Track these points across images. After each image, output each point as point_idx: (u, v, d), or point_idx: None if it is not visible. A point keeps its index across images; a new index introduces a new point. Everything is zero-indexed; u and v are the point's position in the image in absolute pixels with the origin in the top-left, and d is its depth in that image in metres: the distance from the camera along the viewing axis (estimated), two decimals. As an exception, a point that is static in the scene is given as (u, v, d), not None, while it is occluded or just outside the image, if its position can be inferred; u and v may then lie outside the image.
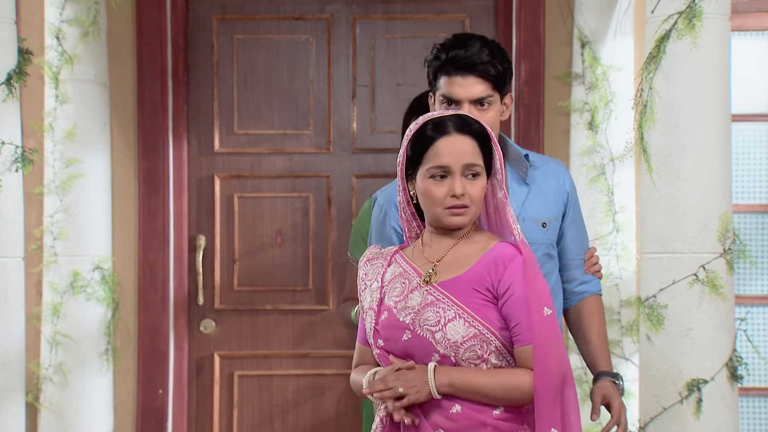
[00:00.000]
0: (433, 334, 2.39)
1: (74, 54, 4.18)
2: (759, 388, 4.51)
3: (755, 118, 4.54)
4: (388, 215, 2.81)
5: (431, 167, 2.42)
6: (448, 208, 2.42)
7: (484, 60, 2.76)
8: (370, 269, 2.53)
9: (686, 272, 3.10)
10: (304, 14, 4.58)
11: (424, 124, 2.46)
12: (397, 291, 2.46)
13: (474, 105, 2.77)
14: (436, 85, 2.82)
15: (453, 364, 2.39)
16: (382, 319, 2.45)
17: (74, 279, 4.20)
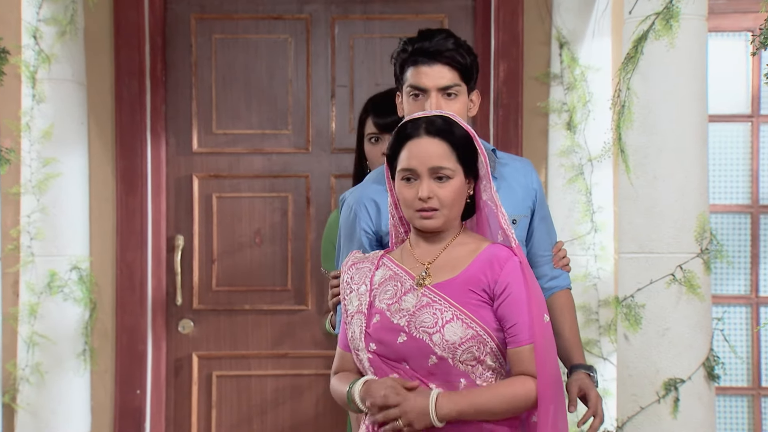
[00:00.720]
0: (431, 335, 2.39)
1: (51, 53, 4.16)
2: (736, 387, 4.54)
3: (732, 119, 4.56)
4: (357, 216, 2.79)
5: (401, 170, 2.44)
6: (417, 211, 2.43)
7: (449, 47, 2.79)
8: (355, 273, 2.51)
9: (663, 272, 3.11)
10: (283, 14, 4.58)
11: (403, 124, 2.47)
12: (389, 294, 2.45)
13: (441, 94, 2.78)
14: (403, 78, 2.83)
15: (450, 366, 2.39)
16: (373, 323, 2.43)
17: (51, 279, 4.18)
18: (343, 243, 2.84)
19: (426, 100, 2.77)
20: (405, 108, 2.83)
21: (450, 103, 2.78)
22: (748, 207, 4.56)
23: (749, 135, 4.56)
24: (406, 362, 2.40)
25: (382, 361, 2.42)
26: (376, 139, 3.28)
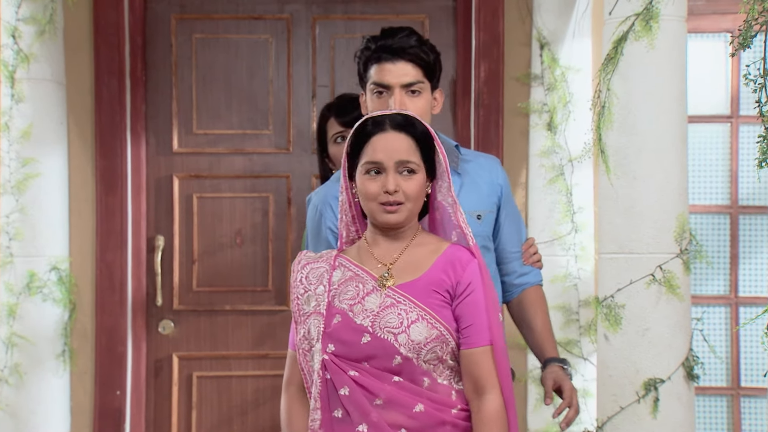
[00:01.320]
0: (396, 336, 2.40)
1: (30, 53, 4.14)
2: (715, 387, 4.55)
3: (711, 120, 4.58)
4: (323, 216, 2.80)
5: (366, 163, 2.44)
6: (381, 204, 2.43)
7: (412, 44, 2.81)
8: (310, 273, 2.50)
9: (643, 272, 3.11)
10: (264, 14, 4.57)
11: (364, 121, 2.47)
12: (350, 294, 2.44)
13: (405, 91, 2.79)
14: (367, 76, 2.84)
15: (415, 366, 2.40)
16: (334, 323, 2.43)
17: (30, 280, 4.16)
18: (311, 242, 2.85)
19: (390, 97, 2.78)
20: (369, 106, 2.84)
21: (414, 100, 2.80)
22: (727, 207, 4.58)
23: (728, 136, 4.58)
24: (368, 362, 2.41)
25: (341, 361, 2.41)
26: (342, 138, 3.27)
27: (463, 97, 4.53)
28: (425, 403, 2.41)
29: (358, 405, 2.39)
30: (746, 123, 4.55)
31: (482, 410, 2.45)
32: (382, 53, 2.80)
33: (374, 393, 2.39)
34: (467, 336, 2.45)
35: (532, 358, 4.36)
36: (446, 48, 4.57)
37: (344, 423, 2.41)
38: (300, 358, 2.46)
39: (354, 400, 2.39)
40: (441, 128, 4.53)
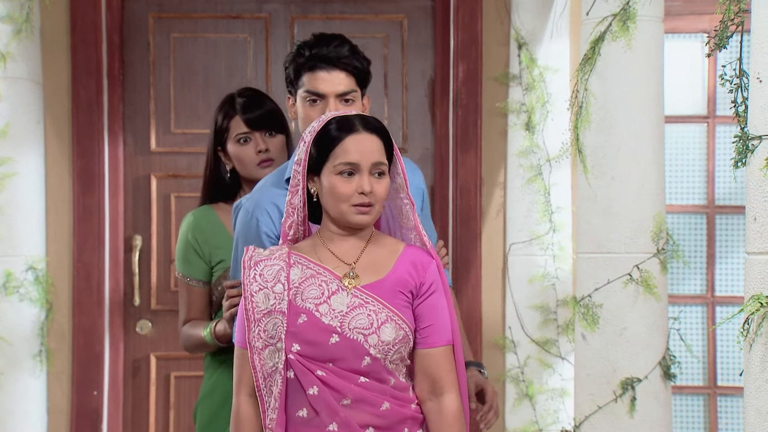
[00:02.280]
0: (366, 337, 2.39)
1: (7, 51, 4.12)
2: (692, 386, 4.57)
3: (688, 120, 4.60)
4: (259, 221, 2.76)
5: (340, 164, 2.41)
6: (354, 206, 2.42)
7: (346, 54, 2.80)
8: (263, 270, 2.45)
9: (621, 272, 3.13)
10: (242, 13, 4.56)
11: (328, 122, 2.46)
12: (314, 293, 2.42)
13: (339, 100, 2.79)
14: (299, 83, 2.82)
15: (382, 366, 2.41)
16: (299, 322, 2.40)
17: (7, 279, 4.14)
18: (242, 248, 2.78)
19: (324, 106, 2.78)
20: (300, 113, 2.83)
21: (347, 108, 2.79)
22: (704, 207, 4.60)
23: (705, 136, 4.60)
24: (333, 363, 2.39)
25: (307, 360, 2.39)
26: (246, 139, 3.16)
27: (441, 97, 4.54)
28: (390, 401, 2.42)
29: (327, 404, 2.38)
30: (723, 123, 4.58)
31: (442, 411, 2.46)
32: (316, 62, 2.78)
33: (342, 393, 2.39)
34: (426, 336, 2.46)
35: (511, 357, 4.38)
36: (425, 48, 4.58)
37: (310, 423, 2.39)
38: (253, 357, 2.42)
39: (323, 399, 2.38)
40: (419, 129, 4.54)
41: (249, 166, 3.16)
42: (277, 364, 2.40)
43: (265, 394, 2.42)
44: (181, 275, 3.21)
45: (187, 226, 3.21)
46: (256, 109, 3.16)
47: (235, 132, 3.16)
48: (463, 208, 4.47)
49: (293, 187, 2.49)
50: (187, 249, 3.18)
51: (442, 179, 4.52)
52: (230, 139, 3.17)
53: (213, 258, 3.14)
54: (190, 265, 3.17)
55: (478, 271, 4.45)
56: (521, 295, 4.37)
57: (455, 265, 4.46)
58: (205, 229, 3.16)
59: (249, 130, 3.14)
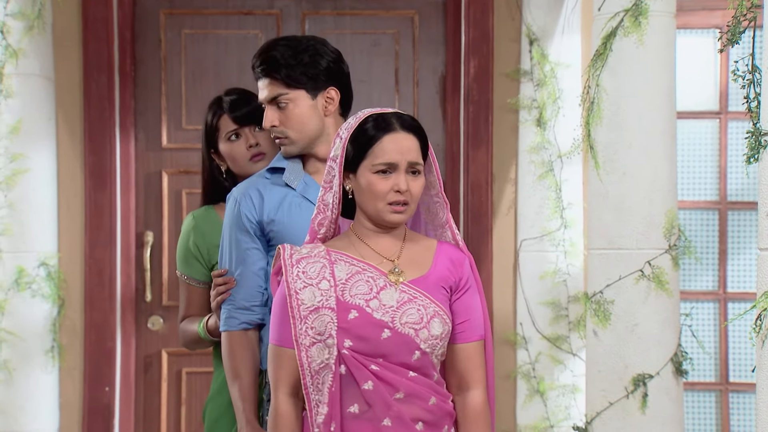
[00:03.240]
0: (417, 331, 2.41)
1: (19, 48, 4.13)
2: (703, 382, 4.57)
3: (701, 116, 4.59)
4: (241, 205, 2.84)
5: (378, 163, 2.42)
6: (390, 204, 2.43)
7: (268, 61, 2.85)
8: (306, 268, 2.45)
9: (632, 268, 3.12)
10: (253, 9, 4.56)
11: (365, 120, 2.47)
12: (362, 289, 2.42)
13: (271, 105, 2.86)
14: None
15: (429, 361, 2.43)
16: (350, 318, 2.40)
17: (19, 275, 4.15)
18: (230, 235, 2.87)
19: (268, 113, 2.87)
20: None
21: (282, 111, 2.85)
22: (716, 203, 4.59)
23: (717, 132, 4.59)
24: (383, 358, 2.40)
25: (360, 355, 2.40)
26: (237, 135, 3.17)
27: (452, 93, 4.53)
28: (435, 395, 2.44)
29: (381, 399, 2.39)
30: (735, 119, 4.56)
31: (467, 406, 2.49)
32: (254, 71, 2.89)
33: (395, 387, 2.40)
34: (461, 331, 2.48)
35: (522, 353, 4.37)
36: (436, 44, 4.57)
37: (362, 417, 2.40)
38: (300, 354, 2.41)
39: (378, 393, 2.39)
40: (431, 125, 4.53)
41: (242, 162, 3.16)
42: (327, 360, 2.40)
43: (312, 391, 2.41)
44: (181, 274, 3.22)
45: (188, 227, 3.22)
46: (244, 106, 3.18)
47: (225, 130, 3.17)
48: (474, 204, 4.46)
49: (326, 184, 2.50)
50: (186, 251, 3.19)
51: (453, 175, 4.52)
52: (221, 138, 3.18)
53: (213, 257, 3.14)
54: (190, 266, 3.18)
55: (489, 268, 4.45)
56: (532, 292, 4.37)
57: (466, 262, 4.45)
58: (205, 230, 3.16)
59: (237, 126, 3.16)
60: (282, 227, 2.83)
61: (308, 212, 2.79)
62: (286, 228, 2.83)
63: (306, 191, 2.85)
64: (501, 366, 4.43)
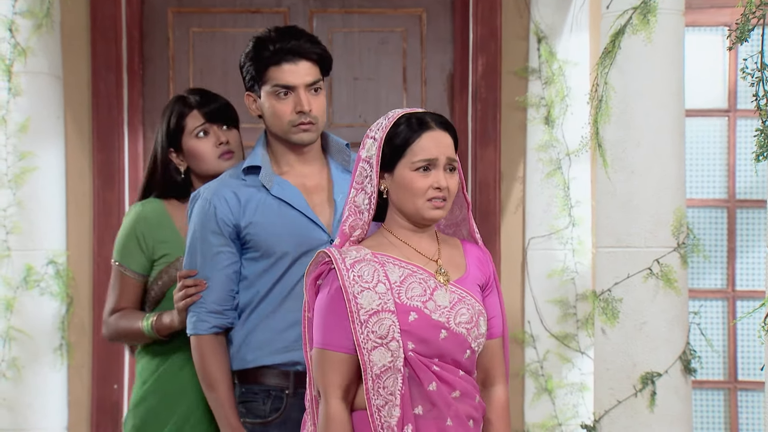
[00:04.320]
0: (469, 330, 2.45)
1: (27, 46, 4.14)
2: (712, 381, 4.56)
3: (709, 114, 4.58)
4: (216, 208, 2.81)
5: (418, 159, 2.44)
6: (429, 200, 2.45)
7: (309, 44, 2.85)
8: (361, 271, 2.43)
9: (641, 266, 3.12)
10: (261, 7, 4.56)
11: (399, 120, 2.48)
12: (417, 291, 2.44)
13: (308, 90, 2.85)
14: (264, 77, 2.86)
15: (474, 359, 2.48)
16: (410, 320, 2.41)
17: (28, 273, 4.16)
18: (201, 236, 2.84)
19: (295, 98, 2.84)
20: (268, 108, 2.87)
21: (316, 97, 2.87)
22: (724, 201, 4.58)
23: (726, 130, 4.58)
24: (439, 358, 2.43)
25: (424, 358, 2.41)
26: (205, 132, 3.10)
27: (460, 91, 4.53)
28: (478, 394, 2.49)
29: (443, 399, 2.41)
30: (744, 117, 4.55)
31: (492, 402, 2.54)
32: (281, 55, 2.83)
33: (453, 386, 2.42)
34: (490, 328, 2.53)
35: (530, 351, 4.37)
36: (444, 42, 4.57)
37: (428, 418, 2.41)
38: (364, 358, 2.38)
39: (440, 394, 2.41)
40: (438, 122, 4.52)
41: (209, 159, 3.09)
42: (390, 364, 2.38)
43: (373, 396, 2.39)
44: (118, 264, 3.13)
45: (135, 216, 3.13)
46: (212, 102, 3.14)
47: (193, 126, 3.10)
48: (482, 202, 4.46)
49: (358, 185, 2.50)
50: (129, 239, 3.11)
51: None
52: (187, 135, 3.10)
53: (156, 252, 3.09)
54: (130, 255, 3.10)
55: (498, 266, 4.45)
56: (540, 290, 4.37)
57: (474, 260, 4.46)
58: (153, 222, 3.10)
59: (206, 122, 3.10)
60: (260, 229, 2.81)
61: (287, 214, 2.81)
62: (264, 230, 2.81)
63: (282, 193, 2.83)
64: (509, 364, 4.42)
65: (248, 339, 2.84)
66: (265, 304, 2.84)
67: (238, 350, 2.85)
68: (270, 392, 2.84)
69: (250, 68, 2.88)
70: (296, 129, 2.85)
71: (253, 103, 2.92)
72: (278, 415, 2.83)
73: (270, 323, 2.83)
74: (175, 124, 3.12)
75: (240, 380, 2.87)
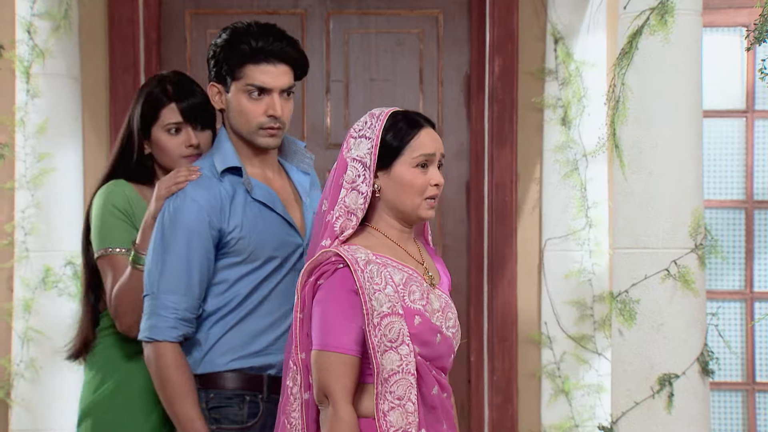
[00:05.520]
0: (454, 335, 2.47)
1: (46, 48, 4.16)
2: (730, 382, 4.55)
3: (727, 114, 4.57)
4: (210, 216, 2.67)
5: (419, 155, 2.44)
6: (426, 199, 2.45)
7: (291, 49, 2.75)
8: (373, 273, 2.39)
9: (658, 267, 3.11)
10: (278, 9, 4.57)
11: (393, 117, 2.46)
12: (417, 294, 2.42)
13: (281, 95, 2.74)
14: (238, 73, 2.73)
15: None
16: (416, 324, 2.39)
17: (46, 274, 4.17)
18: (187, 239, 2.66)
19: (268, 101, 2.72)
20: (240, 105, 2.73)
21: (287, 102, 2.76)
22: (742, 202, 4.57)
23: (744, 130, 4.57)
24: (432, 362, 2.42)
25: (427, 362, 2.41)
26: (177, 129, 2.92)
27: (477, 92, 4.53)
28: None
29: (441, 402, 2.42)
30: (762, 117, 4.54)
31: None
32: (263, 55, 2.71)
33: (445, 389, 2.44)
34: None
35: (547, 353, 4.36)
36: (460, 43, 4.57)
37: (430, 420, 2.40)
38: (377, 361, 2.35)
39: (439, 397, 2.41)
40: (455, 124, 4.53)
41: (173, 157, 2.92)
42: (399, 368, 2.35)
43: (380, 401, 2.35)
44: (103, 250, 2.91)
45: (112, 195, 2.92)
46: (191, 97, 2.95)
47: (167, 121, 2.93)
48: (499, 203, 4.46)
49: (349, 184, 2.45)
50: (113, 218, 2.89)
51: (477, 175, 4.51)
52: (159, 126, 2.94)
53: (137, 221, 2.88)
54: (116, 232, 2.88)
55: (514, 267, 4.44)
56: (557, 291, 4.36)
57: (490, 260, 4.45)
58: (134, 202, 2.91)
59: (182, 120, 2.92)
60: (246, 233, 2.70)
61: (267, 218, 2.72)
62: (250, 235, 2.70)
63: (263, 196, 2.74)
64: (526, 365, 4.42)
65: (219, 342, 2.70)
66: (242, 307, 2.71)
67: (205, 354, 2.71)
68: (245, 397, 2.71)
69: (223, 59, 2.74)
70: (263, 132, 2.74)
71: (218, 95, 2.80)
72: (256, 421, 2.72)
73: (246, 327, 2.71)
74: (149, 112, 2.94)
75: (205, 385, 2.72)
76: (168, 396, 2.66)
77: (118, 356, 2.96)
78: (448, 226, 4.54)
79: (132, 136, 2.97)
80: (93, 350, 3.01)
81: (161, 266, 2.68)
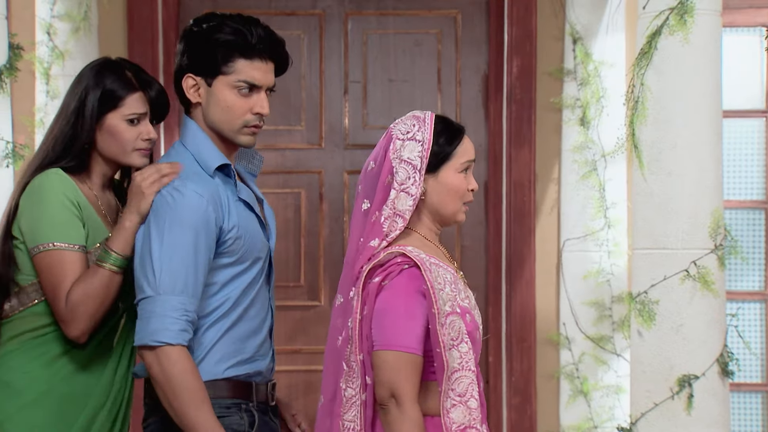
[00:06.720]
0: (482, 334, 2.51)
1: (65, 49, 4.18)
2: (750, 383, 4.53)
3: (747, 114, 4.56)
4: (216, 213, 2.51)
5: (465, 161, 2.50)
6: (465, 203, 2.52)
7: (281, 48, 2.65)
8: (435, 273, 2.41)
9: (678, 268, 3.10)
10: (296, 10, 4.58)
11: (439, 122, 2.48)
12: (463, 294, 2.46)
13: (267, 93, 2.63)
14: (228, 67, 2.57)
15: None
16: (468, 322, 2.43)
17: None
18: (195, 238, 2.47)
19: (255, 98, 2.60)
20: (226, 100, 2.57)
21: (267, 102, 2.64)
22: (762, 203, 4.55)
23: (763, 130, 4.55)
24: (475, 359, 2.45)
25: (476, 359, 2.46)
26: (138, 120, 2.67)
27: (495, 92, 4.53)
28: None
29: (483, 400, 2.46)
30: (781, 118, 4.53)
31: None
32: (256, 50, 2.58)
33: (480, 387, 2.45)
34: None
35: (565, 353, 4.36)
36: (479, 43, 4.57)
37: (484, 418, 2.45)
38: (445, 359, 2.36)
39: (482, 394, 2.46)
40: (473, 124, 4.53)
41: (126, 148, 2.66)
42: (461, 364, 2.37)
43: (443, 398, 2.37)
44: (49, 244, 2.56)
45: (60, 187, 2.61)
46: (152, 87, 2.74)
47: (130, 111, 2.66)
48: (517, 203, 4.45)
49: (400, 186, 2.44)
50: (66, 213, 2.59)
51: (495, 175, 4.51)
52: (118, 113, 2.66)
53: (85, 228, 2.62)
54: (68, 228, 2.58)
55: (532, 267, 4.44)
56: (576, 292, 4.36)
57: (509, 261, 4.45)
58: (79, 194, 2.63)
59: (147, 111, 2.69)
60: (241, 233, 2.56)
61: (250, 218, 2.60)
62: (243, 235, 2.57)
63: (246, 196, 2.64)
64: (544, 366, 4.42)
65: (214, 348, 2.54)
66: (234, 311, 2.56)
67: (200, 361, 2.52)
68: (241, 405, 2.58)
69: (209, 50, 2.58)
70: (247, 130, 2.61)
71: (194, 88, 2.60)
72: (254, 430, 2.59)
73: (237, 332, 2.57)
74: (111, 98, 2.67)
75: None
76: (184, 403, 2.44)
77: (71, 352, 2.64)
78: (466, 226, 4.54)
79: (81, 122, 2.66)
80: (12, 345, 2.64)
81: (165, 265, 2.46)
